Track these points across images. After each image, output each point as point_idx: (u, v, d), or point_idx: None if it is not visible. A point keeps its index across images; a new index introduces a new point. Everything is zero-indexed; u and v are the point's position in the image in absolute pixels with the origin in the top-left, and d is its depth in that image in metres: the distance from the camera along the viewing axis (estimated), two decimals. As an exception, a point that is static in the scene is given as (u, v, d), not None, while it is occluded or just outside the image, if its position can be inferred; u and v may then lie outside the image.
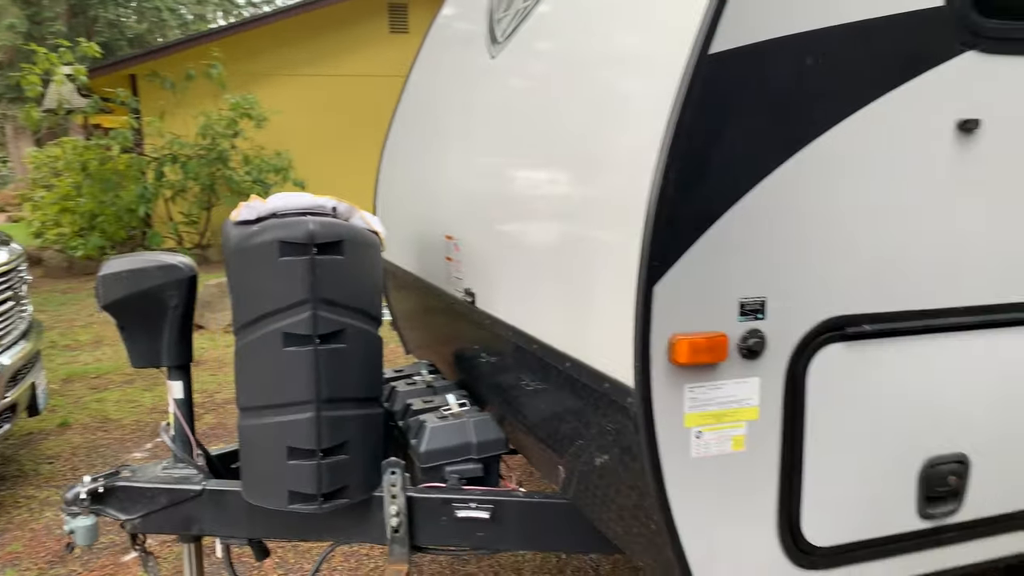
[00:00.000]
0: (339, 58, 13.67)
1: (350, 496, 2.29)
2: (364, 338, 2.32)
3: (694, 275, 1.62)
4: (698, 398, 1.65)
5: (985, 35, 1.76)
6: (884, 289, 1.77)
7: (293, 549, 3.88)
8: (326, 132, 13.20)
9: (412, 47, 13.63)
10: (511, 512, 2.34)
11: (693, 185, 1.59)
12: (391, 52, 13.56)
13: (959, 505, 1.90)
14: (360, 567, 3.73)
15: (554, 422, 2.16)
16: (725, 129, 1.58)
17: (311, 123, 13.12)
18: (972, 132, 1.78)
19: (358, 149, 12.95)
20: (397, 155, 3.74)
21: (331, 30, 13.62)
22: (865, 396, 1.78)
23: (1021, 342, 1.93)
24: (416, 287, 3.37)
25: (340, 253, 2.23)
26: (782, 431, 1.72)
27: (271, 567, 3.71)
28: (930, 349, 1.82)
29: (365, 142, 12.86)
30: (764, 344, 1.68)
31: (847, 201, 1.72)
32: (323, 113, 13.29)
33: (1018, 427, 1.95)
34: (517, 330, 2.26)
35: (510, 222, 2.36)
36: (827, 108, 1.66)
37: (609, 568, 3.62)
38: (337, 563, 3.76)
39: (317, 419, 2.20)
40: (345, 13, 13.67)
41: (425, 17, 13.95)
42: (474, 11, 3.16)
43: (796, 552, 1.77)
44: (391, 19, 14.15)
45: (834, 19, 1.62)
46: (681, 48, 1.54)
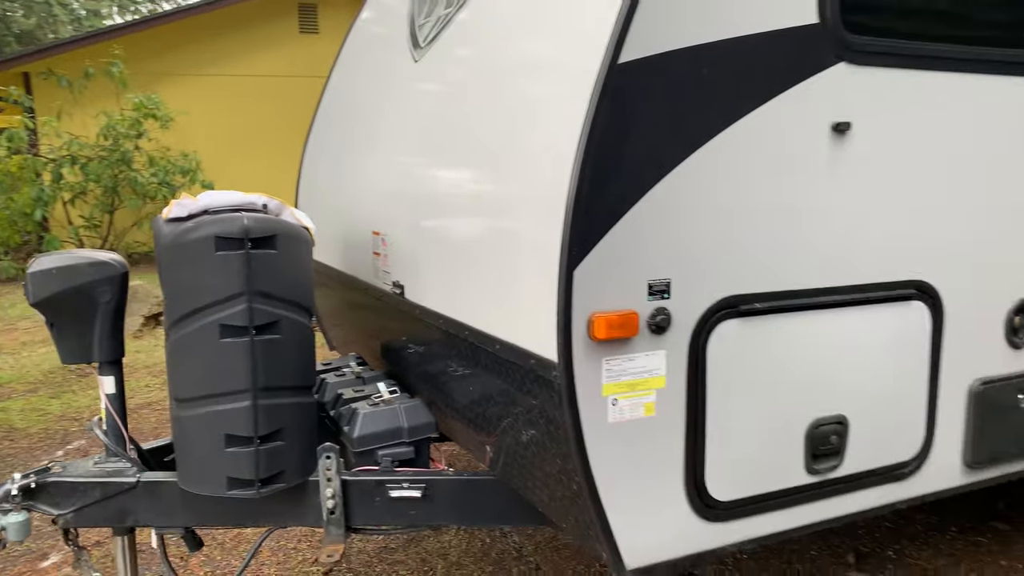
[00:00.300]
0: (248, 58, 13.45)
1: (287, 480, 2.39)
2: (298, 329, 2.42)
3: (608, 260, 1.81)
4: (613, 369, 1.84)
5: (853, 49, 2.02)
6: (772, 271, 2.01)
7: (220, 547, 3.90)
8: (235, 133, 12.97)
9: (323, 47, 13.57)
10: (442, 490, 2.48)
11: (606, 181, 1.78)
12: (301, 52, 13.44)
13: (840, 461, 2.16)
14: (288, 560, 3.78)
15: (483, 403, 2.32)
16: (633, 131, 1.78)
17: (219, 124, 12.86)
18: (844, 133, 2.04)
19: (270, 150, 12.79)
20: (320, 154, 3.82)
21: (239, 29, 13.38)
22: (757, 366, 2.01)
23: (889, 316, 2.21)
24: (341, 283, 3.47)
25: (274, 247, 2.32)
26: (687, 398, 1.94)
27: (196, 565, 3.73)
28: (812, 323, 2.08)
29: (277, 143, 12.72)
30: (670, 320, 1.88)
31: (739, 193, 1.95)
32: (232, 114, 13.05)
33: (887, 391, 2.22)
34: (447, 318, 2.41)
35: (438, 217, 2.51)
36: (721, 112, 1.88)
37: (532, 548, 3.80)
38: (265, 558, 3.81)
39: (254, 407, 2.29)
40: (253, 12, 13.46)
41: (336, 17, 13.89)
42: (395, 16, 3.29)
43: (702, 506, 1.99)
44: (301, 19, 14.02)
45: (725, 33, 1.84)
46: (594, 58, 1.73)
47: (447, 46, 2.68)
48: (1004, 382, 2.42)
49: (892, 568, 3.58)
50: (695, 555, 2.01)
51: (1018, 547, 3.74)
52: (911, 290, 2.21)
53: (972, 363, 2.36)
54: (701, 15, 1.83)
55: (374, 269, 3.03)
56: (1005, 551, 3.71)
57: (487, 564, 3.70)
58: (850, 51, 2.01)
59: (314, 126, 4.00)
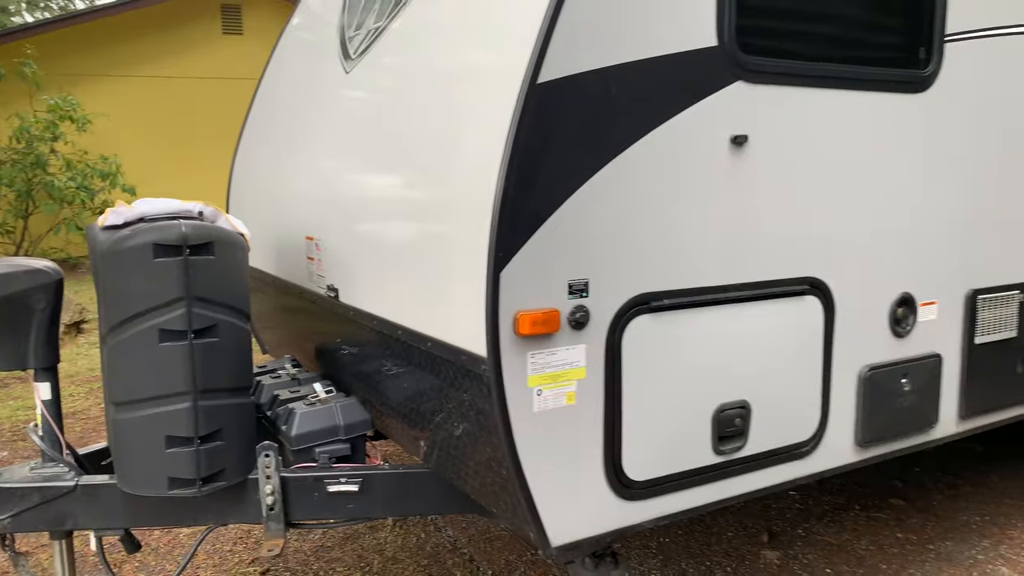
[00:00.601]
0: (169, 59, 13.17)
1: (227, 479, 2.47)
2: (235, 332, 2.50)
3: (532, 263, 1.97)
4: (538, 362, 2.00)
5: (748, 68, 2.24)
6: (680, 270, 2.21)
7: (154, 552, 3.91)
8: (158, 136, 12.69)
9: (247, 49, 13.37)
10: (378, 484, 2.60)
11: (529, 190, 1.94)
12: (225, 54, 13.25)
13: (744, 442, 2.38)
14: (224, 562, 3.82)
15: (416, 399, 2.45)
16: (552, 144, 1.95)
17: (141, 127, 12.56)
18: (742, 145, 2.25)
19: (194, 153, 12.57)
20: (251, 161, 3.88)
21: (160, 30, 13.09)
22: (668, 356, 2.20)
23: (786, 310, 2.43)
24: (275, 287, 3.54)
25: (211, 253, 2.40)
26: (604, 387, 2.11)
27: (131, 571, 3.74)
28: (716, 317, 2.28)
29: (201, 145, 12.51)
30: (588, 317, 2.06)
31: (649, 200, 2.13)
32: (154, 116, 12.76)
33: (785, 377, 2.45)
34: (381, 319, 2.53)
35: (372, 222, 2.63)
36: (632, 127, 2.06)
37: (466, 541, 3.94)
38: (201, 560, 3.84)
39: (194, 408, 2.37)
40: (174, 12, 13.18)
41: (260, 18, 13.73)
42: (325, 27, 3.39)
43: (619, 486, 2.17)
44: (224, 20, 13.80)
45: (633, 55, 2.03)
46: (515, 78, 1.89)
47: (378, 58, 2.80)
48: (889, 367, 2.68)
49: (801, 545, 3.85)
50: (615, 531, 2.19)
51: (913, 521, 4.08)
52: (805, 286, 2.45)
53: (860, 351, 2.61)
54: (612, 39, 2.00)
55: (308, 273, 3.12)
56: (901, 525, 4.04)
57: (423, 558, 3.82)
58: (746, 71, 2.23)
59: (245, 132, 4.05)
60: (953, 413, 2.91)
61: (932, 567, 3.63)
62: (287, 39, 3.93)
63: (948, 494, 4.39)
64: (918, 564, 3.66)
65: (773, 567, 3.66)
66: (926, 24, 2.62)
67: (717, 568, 3.65)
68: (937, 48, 2.64)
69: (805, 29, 2.38)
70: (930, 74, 2.64)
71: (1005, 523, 4.03)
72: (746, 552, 3.79)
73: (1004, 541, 3.85)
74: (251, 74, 13.17)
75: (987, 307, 2.92)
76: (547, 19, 1.89)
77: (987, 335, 2.93)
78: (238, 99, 12.42)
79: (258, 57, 13.07)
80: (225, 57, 13.21)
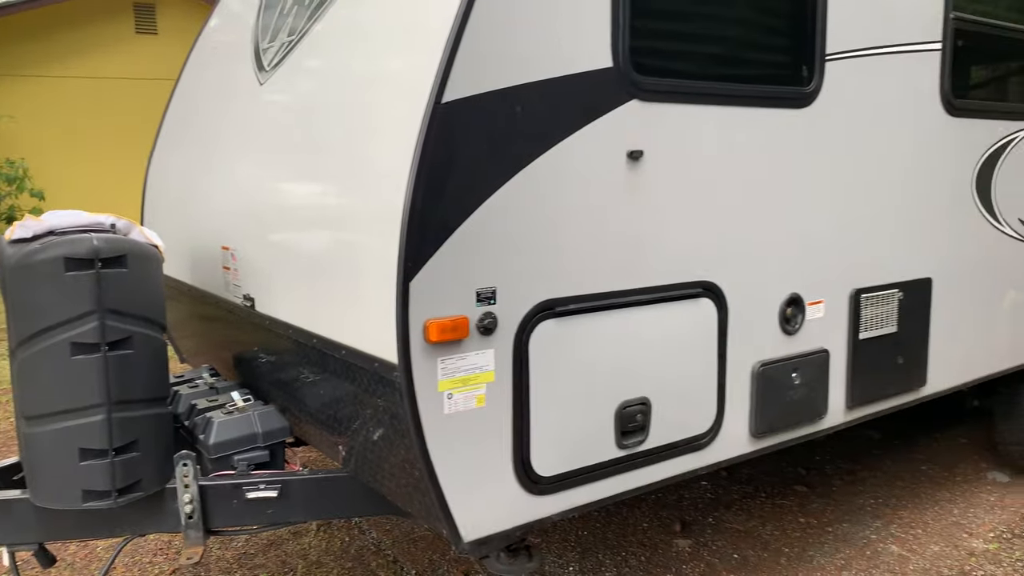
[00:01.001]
0: (80, 59, 12.71)
1: (144, 489, 2.49)
2: (150, 343, 2.52)
3: (440, 272, 2.07)
4: (448, 367, 2.10)
5: (642, 88, 2.39)
6: (582, 277, 2.34)
7: (70, 567, 3.85)
8: (69, 138, 12.24)
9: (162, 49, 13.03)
10: (297, 489, 2.65)
11: (437, 204, 2.04)
12: (139, 54, 12.87)
13: (646, 436, 2.53)
14: (144, 574, 3.80)
15: (333, 405, 2.52)
16: (457, 161, 2.05)
17: (50, 128, 12.10)
18: (638, 159, 2.40)
19: (107, 156, 12.18)
20: (166, 170, 3.86)
21: (69, 29, 12.62)
22: (572, 358, 2.34)
23: (682, 312, 2.60)
24: (191, 296, 3.54)
25: (124, 266, 2.42)
26: (513, 389, 2.23)
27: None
28: (618, 320, 2.43)
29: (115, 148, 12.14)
30: (496, 323, 2.17)
31: (552, 212, 2.26)
32: (64, 118, 12.30)
33: (683, 374, 2.61)
34: (296, 327, 2.59)
35: (287, 233, 2.69)
36: (533, 143, 2.18)
37: (390, 543, 4.01)
38: (120, 573, 3.80)
39: (108, 420, 2.38)
40: (84, 11, 12.73)
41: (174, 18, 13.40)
42: (240, 35, 3.41)
43: (528, 482, 2.29)
44: (137, 19, 13.40)
45: (534, 76, 2.15)
46: (421, 99, 1.99)
47: (291, 72, 2.85)
48: (780, 363, 2.88)
49: (711, 532, 4.07)
50: (525, 525, 2.30)
51: (814, 506, 4.35)
52: (699, 289, 2.62)
53: (753, 348, 2.80)
54: (513, 61, 2.12)
55: (224, 283, 3.14)
56: (803, 510, 4.31)
57: (347, 561, 3.87)
58: (640, 90, 2.38)
59: (160, 138, 4.02)
60: (841, 404, 3.14)
61: (830, 548, 3.89)
62: (203, 44, 3.93)
63: (847, 479, 4.69)
64: (817, 546, 3.91)
65: (685, 554, 3.85)
66: (808, 45, 2.83)
67: (632, 557, 3.82)
68: (819, 67, 2.85)
69: (695, 50, 2.55)
70: (812, 91, 2.85)
71: (896, 504, 4.34)
72: (659, 541, 3.98)
73: (895, 521, 4.15)
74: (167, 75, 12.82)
75: (869, 305, 3.16)
76: (450, 43, 1.99)
77: (870, 331, 3.18)
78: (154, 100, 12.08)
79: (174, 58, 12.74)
80: (139, 57, 12.85)
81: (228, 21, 3.77)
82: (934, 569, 3.66)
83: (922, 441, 5.27)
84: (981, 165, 3.61)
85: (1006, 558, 3.75)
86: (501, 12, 2.08)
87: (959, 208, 3.53)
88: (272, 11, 3.21)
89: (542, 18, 2.17)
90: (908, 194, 3.28)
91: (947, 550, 3.83)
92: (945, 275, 3.50)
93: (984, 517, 4.16)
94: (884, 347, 3.24)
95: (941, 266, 3.48)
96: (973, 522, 4.11)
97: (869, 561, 3.74)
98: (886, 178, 3.18)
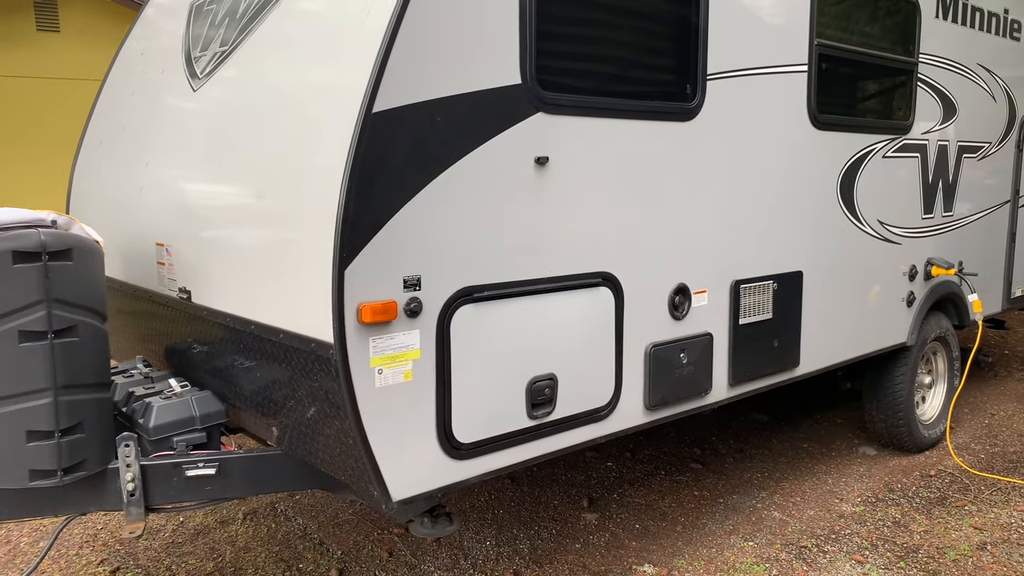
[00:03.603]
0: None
1: (88, 468, 2.65)
2: (93, 332, 2.69)
3: (372, 262, 2.34)
4: (379, 346, 2.38)
5: (547, 102, 2.73)
6: (496, 267, 2.65)
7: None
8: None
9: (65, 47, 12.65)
10: (234, 467, 2.86)
11: (367, 200, 2.31)
12: (42, 52, 12.48)
13: (553, 408, 2.86)
14: (71, 566, 3.88)
15: (269, 387, 2.75)
16: (385, 164, 2.33)
17: (-57, 128, 11.61)
18: (544, 164, 2.74)
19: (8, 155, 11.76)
20: (95, 168, 3.96)
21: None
22: (489, 337, 2.64)
23: (584, 299, 2.94)
24: (123, 292, 3.67)
25: (69, 259, 2.59)
26: (436, 365, 2.52)
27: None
28: (527, 305, 2.75)
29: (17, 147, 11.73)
30: (421, 306, 2.46)
31: (469, 210, 2.56)
32: (-41, 117, 11.82)
33: (585, 354, 2.95)
34: (234, 316, 2.80)
35: (224, 228, 2.90)
36: (452, 149, 2.48)
37: (316, 527, 4.22)
38: (46, 566, 3.88)
39: (55, 403, 2.54)
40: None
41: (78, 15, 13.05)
42: (169, 42, 3.58)
43: (450, 448, 2.58)
44: (38, 16, 12.98)
45: (451, 91, 2.45)
46: (354, 107, 2.27)
47: (226, 80, 3.06)
48: (670, 344, 3.26)
49: (616, 507, 4.45)
50: (446, 487, 2.59)
51: (708, 480, 4.79)
52: (599, 279, 2.97)
53: (646, 331, 3.17)
54: (435, 77, 2.42)
55: (159, 277, 3.31)
56: (698, 484, 4.74)
57: (274, 545, 4.06)
58: (545, 104, 2.72)
59: (86, 139, 4.11)
60: (724, 381, 3.56)
61: (721, 516, 4.32)
62: (129, 47, 4.05)
63: (737, 457, 5.17)
64: (710, 515, 4.34)
65: (592, 526, 4.21)
66: (692, 66, 3.23)
67: (544, 531, 4.16)
68: (701, 85, 3.26)
69: (594, 69, 2.91)
70: (695, 106, 3.25)
71: (780, 477, 4.83)
72: (569, 516, 4.33)
73: (778, 491, 4.63)
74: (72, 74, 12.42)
75: (747, 294, 3.59)
76: (379, 59, 2.27)
77: (748, 317, 3.61)
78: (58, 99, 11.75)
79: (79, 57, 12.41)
80: (41, 55, 12.46)
81: (155, 28, 3.92)
82: (809, 530, 4.13)
83: (804, 423, 5.82)
84: (844, 172, 4.12)
85: (870, 518, 4.26)
86: (424, 33, 2.38)
87: (825, 210, 4.03)
88: (202, 21, 3.40)
89: (460, 39, 2.48)
90: (780, 197, 3.74)
91: (821, 513, 4.33)
92: (814, 269, 3.98)
93: (854, 485, 4.70)
94: (761, 331, 3.69)
95: (811, 261, 3.96)
96: (844, 490, 4.64)
97: (754, 526, 4.19)
98: (761, 183, 3.62)
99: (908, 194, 4.63)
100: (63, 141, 9.45)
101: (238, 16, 3.12)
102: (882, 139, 4.34)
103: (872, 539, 4.03)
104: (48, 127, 11.65)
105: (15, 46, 12.59)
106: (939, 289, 4.95)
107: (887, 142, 4.38)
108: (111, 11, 12.61)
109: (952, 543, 3.98)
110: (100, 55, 11.32)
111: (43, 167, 10.80)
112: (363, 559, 3.89)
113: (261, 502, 4.49)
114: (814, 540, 4.02)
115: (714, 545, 3.98)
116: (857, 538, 4.04)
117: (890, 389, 4.87)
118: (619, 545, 4.01)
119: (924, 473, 4.86)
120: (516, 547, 3.99)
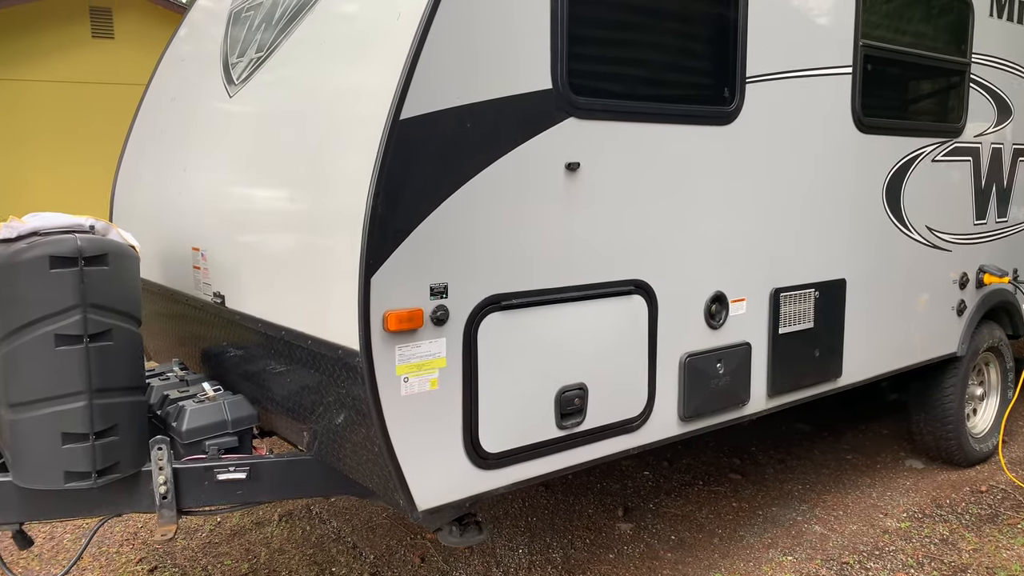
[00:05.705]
0: (34, 62, 12.63)
1: (122, 471, 2.68)
2: (127, 336, 2.73)
3: (398, 269, 2.32)
4: (405, 354, 2.36)
5: (578, 107, 2.68)
6: (525, 274, 2.61)
7: (37, 559, 3.99)
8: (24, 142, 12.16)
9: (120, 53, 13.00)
10: (265, 471, 2.87)
11: (395, 209, 2.30)
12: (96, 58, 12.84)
13: (583, 418, 2.81)
14: (111, 563, 3.95)
15: (299, 393, 2.75)
16: (413, 170, 2.31)
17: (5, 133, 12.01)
18: (575, 170, 2.69)
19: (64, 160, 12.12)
20: (136, 173, 4.04)
21: (24, 32, 12.54)
22: (517, 346, 2.61)
23: (616, 307, 2.89)
24: (160, 295, 3.73)
25: (105, 264, 2.63)
26: (463, 374, 2.49)
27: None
28: (558, 313, 2.70)
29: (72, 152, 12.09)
30: (448, 314, 2.43)
31: (498, 217, 2.53)
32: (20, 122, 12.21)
33: (617, 363, 2.90)
34: (266, 321, 2.82)
35: (256, 234, 2.91)
36: (481, 155, 2.45)
37: (349, 530, 4.23)
38: (87, 563, 3.96)
39: (90, 406, 2.58)
40: (39, 14, 12.66)
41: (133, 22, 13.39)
42: (209, 48, 3.63)
43: (477, 458, 2.55)
44: (93, 23, 13.36)
45: (482, 96, 2.43)
46: (381, 114, 2.25)
47: (260, 86, 3.08)
48: (706, 354, 3.19)
49: (652, 517, 4.37)
50: (473, 496, 2.56)
51: (747, 492, 4.69)
52: (631, 287, 2.91)
53: (681, 341, 3.10)
54: (463, 83, 2.39)
55: (195, 281, 3.35)
56: (736, 495, 4.64)
57: (308, 548, 4.09)
58: (577, 108, 2.67)
59: (129, 144, 4.20)
60: (762, 392, 3.46)
61: (759, 528, 4.22)
62: (172, 53, 4.12)
63: (778, 468, 5.04)
64: (748, 527, 4.24)
65: (627, 536, 4.15)
66: (730, 68, 3.15)
67: (578, 540, 4.11)
68: (740, 88, 3.18)
69: (627, 73, 2.85)
70: (734, 110, 3.18)
71: (822, 490, 4.70)
72: (603, 525, 4.27)
73: (819, 504, 4.50)
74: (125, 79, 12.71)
75: (787, 303, 3.50)
76: (407, 66, 2.25)
77: (788, 326, 3.51)
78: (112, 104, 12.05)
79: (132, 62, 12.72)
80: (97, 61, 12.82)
81: (196, 34, 3.98)
82: (851, 545, 4.01)
83: (848, 433, 5.66)
84: (891, 177, 3.99)
85: (915, 535, 4.12)
86: (453, 38, 2.36)
87: (870, 216, 3.91)
88: (240, 27, 3.44)
89: (489, 44, 2.45)
90: (822, 203, 3.64)
91: (864, 528, 4.20)
92: (858, 276, 3.86)
93: (899, 500, 4.54)
94: (802, 341, 3.58)
95: (855, 268, 3.84)
96: (889, 504, 4.49)
97: (794, 540, 4.08)
98: (802, 188, 3.52)
99: (959, 199, 4.46)
100: (117, 145, 9.73)
101: (274, 22, 3.14)
102: (931, 142, 4.19)
103: (918, 557, 3.89)
104: (103, 131, 11.97)
105: (72, 53, 12.97)
106: (992, 298, 4.76)
107: (936, 145, 4.23)
108: (164, 18, 12.93)
109: (1003, 563, 3.82)
110: (153, 60, 11.61)
111: (98, 170, 11.09)
112: (395, 564, 3.88)
113: (296, 504, 4.53)
114: (856, 556, 3.89)
115: (752, 559, 3.88)
116: (902, 555, 3.90)
117: (939, 401, 4.70)
118: (654, 556, 3.93)
119: (974, 488, 4.68)
120: (549, 556, 3.94)
